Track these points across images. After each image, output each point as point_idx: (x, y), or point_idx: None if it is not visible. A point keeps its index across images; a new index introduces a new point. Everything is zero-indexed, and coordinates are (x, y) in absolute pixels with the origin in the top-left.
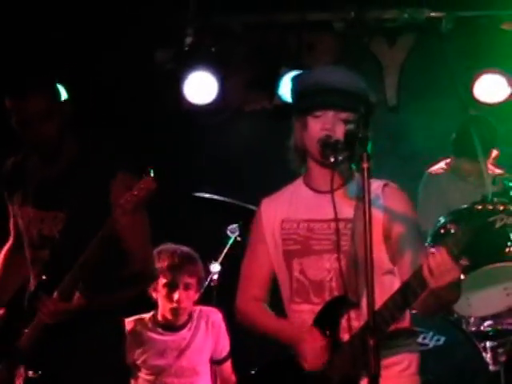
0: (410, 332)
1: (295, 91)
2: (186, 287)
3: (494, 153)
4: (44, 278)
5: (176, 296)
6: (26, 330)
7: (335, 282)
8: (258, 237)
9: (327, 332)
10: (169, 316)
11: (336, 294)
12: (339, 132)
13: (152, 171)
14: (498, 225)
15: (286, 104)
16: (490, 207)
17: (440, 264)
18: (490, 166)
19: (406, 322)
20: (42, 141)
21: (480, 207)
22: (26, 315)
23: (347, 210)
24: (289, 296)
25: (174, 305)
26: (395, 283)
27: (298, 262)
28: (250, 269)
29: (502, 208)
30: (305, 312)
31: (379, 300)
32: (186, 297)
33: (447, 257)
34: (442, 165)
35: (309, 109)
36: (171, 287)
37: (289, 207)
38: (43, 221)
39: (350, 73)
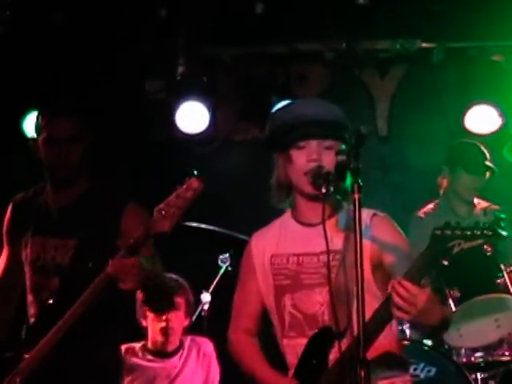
0: (403, 362)
1: (274, 127)
2: (174, 307)
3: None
4: (51, 301)
5: (164, 315)
6: (27, 356)
7: (327, 315)
8: (249, 271)
9: (314, 361)
10: (159, 338)
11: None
12: (326, 161)
13: (195, 172)
14: (456, 250)
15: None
16: (449, 232)
17: (404, 296)
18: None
19: (397, 349)
20: (64, 162)
21: (439, 232)
22: (25, 342)
23: (336, 242)
24: (281, 331)
25: (163, 324)
26: None
27: (289, 296)
28: (240, 303)
29: (459, 233)
30: (300, 346)
31: None
32: (174, 316)
33: (411, 285)
34: (429, 206)
35: (291, 142)
36: None
37: (278, 242)
38: (57, 249)
39: (326, 103)
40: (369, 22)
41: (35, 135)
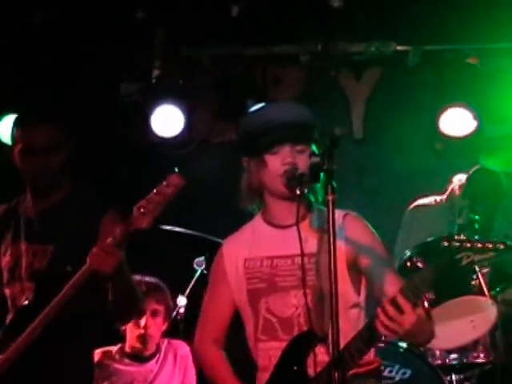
0: (377, 373)
1: (245, 132)
2: (153, 314)
3: None
4: (25, 303)
5: (143, 322)
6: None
7: (303, 318)
8: (219, 277)
9: (295, 367)
10: (136, 344)
11: (305, 329)
12: (300, 163)
13: (176, 168)
14: (464, 262)
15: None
16: (457, 244)
17: (392, 316)
18: None
19: (372, 361)
20: (43, 172)
21: (446, 244)
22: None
23: (311, 244)
24: (254, 334)
25: (141, 331)
26: (362, 316)
27: (264, 300)
28: (209, 309)
29: (468, 245)
30: (273, 349)
31: (347, 334)
32: (153, 324)
33: (404, 303)
34: (431, 199)
35: (264, 147)
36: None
37: (251, 246)
38: (35, 254)
39: (294, 105)
40: (344, 25)
41: (11, 144)
